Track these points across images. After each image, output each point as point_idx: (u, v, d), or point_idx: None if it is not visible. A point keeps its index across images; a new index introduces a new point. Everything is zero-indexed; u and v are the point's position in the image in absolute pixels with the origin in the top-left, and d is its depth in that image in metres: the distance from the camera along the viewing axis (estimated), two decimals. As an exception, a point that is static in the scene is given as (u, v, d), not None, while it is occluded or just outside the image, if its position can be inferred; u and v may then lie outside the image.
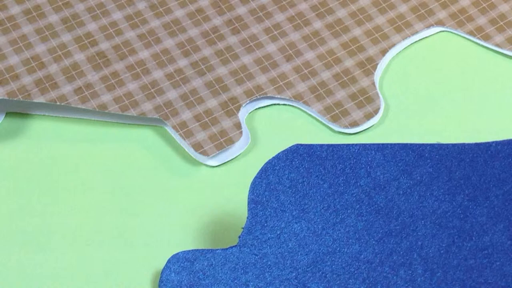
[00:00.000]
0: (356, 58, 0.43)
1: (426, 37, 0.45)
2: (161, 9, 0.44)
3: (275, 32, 0.44)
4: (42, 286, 0.38)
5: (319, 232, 0.36)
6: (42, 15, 0.44)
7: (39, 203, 0.40)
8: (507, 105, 0.43)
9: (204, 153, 0.41)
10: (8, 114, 0.43)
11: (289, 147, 0.37)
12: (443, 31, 0.45)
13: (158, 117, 0.41)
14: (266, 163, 0.37)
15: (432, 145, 0.37)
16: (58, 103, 0.41)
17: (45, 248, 0.39)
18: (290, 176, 0.37)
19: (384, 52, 0.44)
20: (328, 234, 0.36)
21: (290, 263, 0.36)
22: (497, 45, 0.44)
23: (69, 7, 0.44)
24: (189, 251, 0.36)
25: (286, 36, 0.44)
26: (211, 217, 0.40)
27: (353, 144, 0.37)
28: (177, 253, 0.36)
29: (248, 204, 0.36)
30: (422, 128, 0.42)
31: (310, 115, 0.42)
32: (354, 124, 0.42)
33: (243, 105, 0.42)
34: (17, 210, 0.40)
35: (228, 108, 0.42)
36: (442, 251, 0.36)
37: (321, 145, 0.37)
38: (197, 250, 0.36)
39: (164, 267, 0.36)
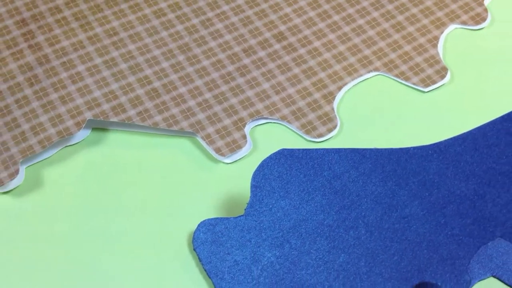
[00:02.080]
0: (321, 92, 0.43)
1: (368, 78, 0.44)
2: (193, 60, 0.44)
3: (268, 75, 0.44)
4: (114, 241, 0.38)
5: (297, 206, 0.36)
6: (116, 64, 0.44)
7: (112, 187, 0.40)
8: (420, 124, 0.42)
9: (222, 155, 0.41)
10: (93, 129, 0.42)
11: (278, 151, 0.37)
12: (378, 74, 0.44)
13: (192, 131, 0.41)
14: (262, 161, 0.37)
15: (371, 149, 0.38)
16: (126, 122, 0.41)
17: (115, 217, 0.39)
18: (278, 170, 0.37)
19: (340, 88, 0.43)
20: (303, 208, 0.36)
21: (278, 226, 0.36)
22: (414, 84, 0.44)
23: (133, 59, 0.44)
24: (212, 218, 0.37)
25: (275, 78, 0.43)
26: (227, 197, 0.40)
27: (319, 148, 0.37)
28: (204, 220, 0.37)
29: (250, 188, 0.37)
30: (365, 139, 0.42)
31: (291, 129, 0.42)
32: (320, 135, 0.42)
33: (247, 123, 0.42)
34: (99, 191, 0.40)
35: (238, 125, 0.42)
36: (378, 219, 0.36)
37: (299, 149, 0.37)
38: (217, 218, 0.37)
39: (195, 229, 0.37)
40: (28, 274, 0.37)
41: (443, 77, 0.44)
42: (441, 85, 0.44)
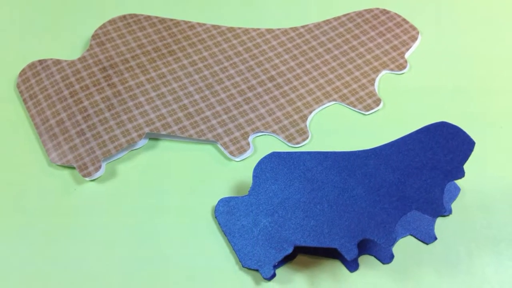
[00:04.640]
0: (298, 114, 0.42)
1: (329, 105, 0.44)
2: (215, 94, 0.43)
3: (264, 104, 0.43)
4: (163, 211, 0.38)
5: (283, 189, 0.35)
6: (164, 96, 0.43)
7: (163, 177, 0.39)
8: (363, 135, 0.42)
9: (234, 155, 0.40)
10: (150, 139, 0.42)
11: (270, 153, 0.37)
12: (336, 103, 0.44)
13: (214, 140, 0.41)
14: (260, 160, 0.36)
15: (331, 152, 0.36)
16: (171, 134, 0.41)
17: (164, 196, 0.38)
18: (270, 165, 0.36)
19: (310, 112, 0.43)
20: (287, 190, 0.35)
21: (270, 202, 0.35)
22: (359, 109, 0.43)
23: (176, 93, 0.43)
24: (227, 197, 0.36)
25: (268, 105, 0.43)
26: (237, 183, 0.39)
27: (297, 151, 0.36)
28: (222, 198, 0.37)
29: (252, 177, 0.36)
30: (327, 145, 0.41)
31: (279, 139, 0.42)
32: (297, 143, 0.41)
33: (250, 135, 0.41)
34: (154, 179, 0.39)
35: (244, 136, 0.41)
36: (335, 197, 0.34)
37: (284, 152, 0.37)
38: (231, 196, 0.36)
39: (216, 204, 0.37)
40: (107, 234, 0.37)
41: (378, 105, 0.44)
42: (376, 110, 0.44)
